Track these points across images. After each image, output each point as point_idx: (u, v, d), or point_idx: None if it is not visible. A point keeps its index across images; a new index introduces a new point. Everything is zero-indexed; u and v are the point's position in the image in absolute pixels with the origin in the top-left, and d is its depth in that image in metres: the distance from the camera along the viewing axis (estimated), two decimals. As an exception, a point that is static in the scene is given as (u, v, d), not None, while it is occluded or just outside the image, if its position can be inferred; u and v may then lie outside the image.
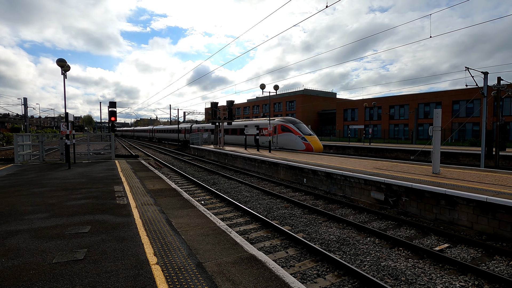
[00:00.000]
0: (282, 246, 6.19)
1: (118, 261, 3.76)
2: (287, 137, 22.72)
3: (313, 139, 21.75)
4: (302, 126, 23.06)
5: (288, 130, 22.76)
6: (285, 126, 23.06)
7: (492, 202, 6.55)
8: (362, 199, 10.01)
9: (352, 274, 4.93)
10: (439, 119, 9.72)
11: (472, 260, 5.71)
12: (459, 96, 39.25)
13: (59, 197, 7.24)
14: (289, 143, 22.57)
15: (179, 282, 3.29)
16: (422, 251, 5.86)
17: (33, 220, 5.39)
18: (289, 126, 22.77)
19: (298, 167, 13.30)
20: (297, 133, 22.02)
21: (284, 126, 23.12)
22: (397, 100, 48.01)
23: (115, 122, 16.56)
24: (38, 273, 3.43)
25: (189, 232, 4.94)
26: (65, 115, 13.12)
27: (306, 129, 22.95)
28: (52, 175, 10.96)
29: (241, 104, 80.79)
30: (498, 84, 17.84)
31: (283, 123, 23.39)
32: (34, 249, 4.11)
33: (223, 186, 12.71)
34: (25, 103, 38.71)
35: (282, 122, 23.61)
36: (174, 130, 48.26)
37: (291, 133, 22.41)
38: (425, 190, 7.97)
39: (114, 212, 5.96)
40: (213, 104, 27.22)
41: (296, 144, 21.88)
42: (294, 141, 22.08)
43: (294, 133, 22.19)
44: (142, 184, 9.31)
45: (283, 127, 23.23)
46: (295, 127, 22.59)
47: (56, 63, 13.00)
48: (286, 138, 22.83)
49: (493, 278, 4.82)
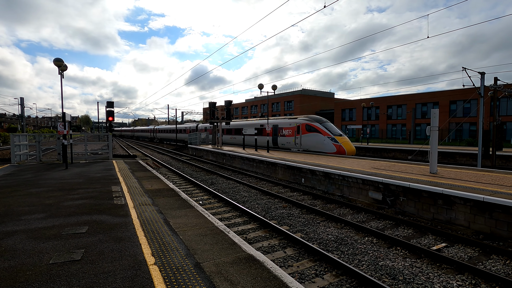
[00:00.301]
0: (280, 246, 6.19)
1: (115, 262, 3.74)
2: (313, 138, 20.16)
3: (344, 140, 19.27)
4: (330, 125, 20.52)
5: (314, 130, 20.09)
6: (311, 126, 20.43)
7: (489, 202, 6.59)
8: (360, 199, 10.04)
9: (350, 273, 4.94)
10: (436, 119, 9.77)
11: (469, 259, 5.74)
12: (456, 96, 39.44)
13: (56, 198, 7.20)
14: (316, 145, 20.01)
15: (177, 282, 3.28)
16: (420, 250, 5.89)
17: (30, 221, 5.36)
18: (315, 126, 20.16)
19: (296, 167, 13.31)
20: (326, 133, 19.43)
21: (309, 125, 20.52)
22: (394, 100, 48.17)
23: (113, 122, 16.49)
24: (34, 274, 3.41)
25: (187, 232, 4.93)
26: (62, 115, 13.06)
27: (335, 129, 20.36)
28: (49, 175, 10.90)
29: (239, 104, 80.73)
30: (495, 84, 17.95)
31: (308, 122, 20.74)
32: (30, 250, 4.08)
33: (221, 186, 12.70)
34: (22, 103, 38.49)
35: (307, 120, 20.92)
36: (179, 130, 44.65)
37: (319, 133, 19.74)
38: (423, 190, 8.00)
39: (112, 213, 5.93)
40: (211, 104, 27.20)
41: (324, 146, 19.30)
42: (322, 143, 19.49)
43: (322, 133, 19.56)
44: (140, 184, 9.28)
45: (308, 126, 20.57)
46: (323, 126, 19.99)
47: (53, 63, 12.93)
48: (312, 139, 20.26)
49: (490, 277, 4.85)
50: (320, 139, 19.62)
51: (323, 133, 19.59)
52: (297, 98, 62.42)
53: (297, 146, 21.46)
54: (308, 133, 20.66)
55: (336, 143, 18.88)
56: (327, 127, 20.04)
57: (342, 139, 19.24)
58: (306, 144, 20.85)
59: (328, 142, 19.13)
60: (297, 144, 21.45)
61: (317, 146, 19.93)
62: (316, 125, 20.23)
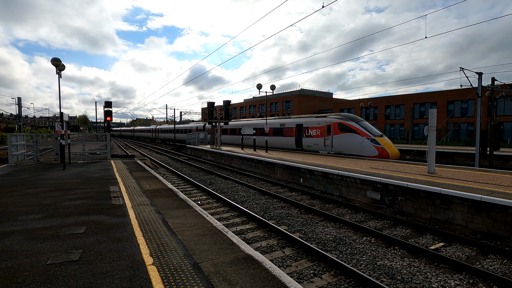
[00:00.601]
0: (279, 246, 6.19)
1: (113, 262, 3.73)
2: (348, 139, 17.36)
3: (386, 141, 16.57)
4: (367, 124, 17.82)
5: (350, 129, 17.31)
6: (345, 125, 17.67)
7: (487, 201, 6.62)
8: (358, 199, 10.05)
9: (348, 273, 4.94)
10: (434, 119, 9.80)
11: (467, 258, 5.76)
12: (454, 96, 39.62)
13: (53, 198, 7.17)
14: (352, 147, 17.19)
15: (175, 282, 3.28)
16: (418, 250, 5.90)
17: (27, 221, 5.33)
18: (350, 125, 17.42)
19: (295, 167, 13.32)
20: (364, 134, 16.65)
21: (343, 124, 17.77)
22: (393, 100, 48.32)
23: (111, 122, 16.44)
24: (32, 275, 3.39)
25: (185, 232, 4.92)
26: (60, 115, 13.01)
27: (373, 129, 17.63)
28: (47, 175, 10.85)
29: (238, 104, 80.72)
30: (492, 84, 18.04)
31: (341, 120, 18.02)
32: (28, 250, 4.06)
33: (219, 186, 12.69)
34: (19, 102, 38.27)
35: (339, 119, 18.23)
36: (185, 130, 41.95)
37: (355, 133, 16.97)
38: (421, 190, 8.02)
39: (110, 213, 5.91)
40: (210, 104, 27.18)
41: (363, 149, 16.52)
42: (360, 145, 16.66)
43: (360, 133, 16.78)
44: (138, 184, 9.26)
45: (342, 126, 17.79)
46: (360, 125, 17.17)
47: (51, 63, 12.88)
48: (347, 140, 17.45)
49: (487, 276, 4.87)
50: (358, 141, 16.79)
51: (361, 134, 16.73)
52: (296, 98, 62.49)
53: (327, 148, 18.73)
54: (341, 134, 17.83)
55: (378, 145, 16.12)
56: (365, 126, 17.27)
57: (383, 140, 16.52)
58: (339, 146, 18.03)
59: (368, 144, 16.36)
60: (327, 146, 18.70)
61: (354, 148, 17.13)
62: (352, 124, 17.47)
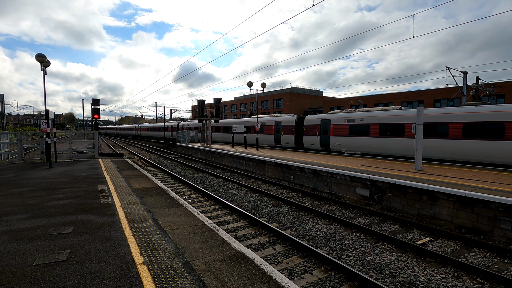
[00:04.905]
0: (270, 243, 6.22)
1: (102, 262, 3.68)
2: None
3: None
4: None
5: None
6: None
7: (471, 197, 6.82)
8: (348, 196, 10.20)
9: (338, 269, 5.02)
10: (421, 117, 10.02)
11: (452, 252, 5.93)
12: (440, 95, 40.54)
13: (39, 197, 6.99)
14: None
15: (166, 281, 3.25)
16: (405, 245, 6.04)
17: (12, 221, 5.18)
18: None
19: (286, 165, 13.38)
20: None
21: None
22: (381, 99, 49.08)
23: (99, 119, 16.12)
24: (18, 276, 3.31)
25: (176, 231, 4.89)
26: (45, 112, 12.65)
27: None
28: (32, 174, 10.56)
29: (228, 102, 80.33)
30: (477, 83, 18.56)
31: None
32: (13, 251, 3.95)
33: (210, 184, 12.64)
34: (2, 99, 37.01)
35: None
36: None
37: None
38: (408, 186, 8.20)
39: (98, 212, 5.81)
40: (200, 102, 26.95)
41: None
42: None
43: None
44: (128, 183, 9.12)
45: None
46: None
47: (36, 59, 12.50)
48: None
49: (471, 269, 5.03)
50: None
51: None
52: (286, 96, 62.64)
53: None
54: None
55: None
56: None
57: None
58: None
59: None
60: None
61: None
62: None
